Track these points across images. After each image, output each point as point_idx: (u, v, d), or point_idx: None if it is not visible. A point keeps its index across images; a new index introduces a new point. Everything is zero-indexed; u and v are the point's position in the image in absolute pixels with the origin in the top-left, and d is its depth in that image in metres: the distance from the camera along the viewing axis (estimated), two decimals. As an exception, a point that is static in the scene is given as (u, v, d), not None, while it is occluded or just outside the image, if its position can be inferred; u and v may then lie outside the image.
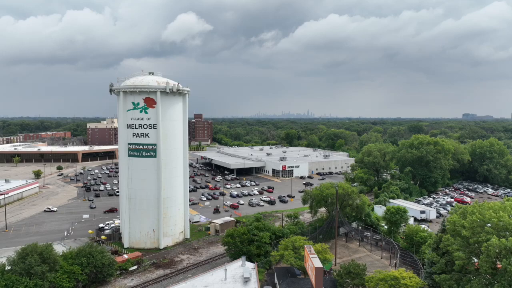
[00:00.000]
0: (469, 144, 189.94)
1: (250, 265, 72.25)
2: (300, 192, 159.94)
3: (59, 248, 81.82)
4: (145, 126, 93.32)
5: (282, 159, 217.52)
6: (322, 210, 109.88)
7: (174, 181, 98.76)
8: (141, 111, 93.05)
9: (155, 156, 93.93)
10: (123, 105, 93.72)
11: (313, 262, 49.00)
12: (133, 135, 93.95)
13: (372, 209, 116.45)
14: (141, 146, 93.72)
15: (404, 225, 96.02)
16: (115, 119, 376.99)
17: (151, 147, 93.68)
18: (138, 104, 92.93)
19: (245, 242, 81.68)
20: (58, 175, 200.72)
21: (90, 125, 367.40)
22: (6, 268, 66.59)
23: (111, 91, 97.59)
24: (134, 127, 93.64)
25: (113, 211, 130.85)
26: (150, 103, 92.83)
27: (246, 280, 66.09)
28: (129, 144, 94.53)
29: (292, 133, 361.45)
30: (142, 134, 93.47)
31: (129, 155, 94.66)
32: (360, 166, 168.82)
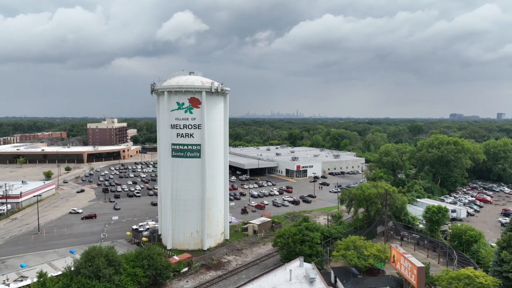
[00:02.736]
0: (483, 144, 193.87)
1: (308, 266, 72.18)
2: (336, 191, 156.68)
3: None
4: (189, 127, 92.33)
5: (295, 159, 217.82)
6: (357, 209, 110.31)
7: (216, 181, 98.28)
8: (185, 111, 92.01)
9: (199, 157, 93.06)
10: (167, 105, 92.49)
11: (411, 261, 49.12)
12: (177, 136, 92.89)
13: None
14: (185, 147, 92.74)
15: (447, 224, 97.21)
16: (115, 119, 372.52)
17: (195, 147, 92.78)
18: (183, 104, 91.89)
19: (297, 242, 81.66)
20: (64, 182, 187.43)
21: (91, 125, 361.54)
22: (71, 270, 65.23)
23: (152, 91, 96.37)
24: (178, 127, 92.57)
25: (91, 217, 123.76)
26: (195, 103, 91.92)
27: (311, 280, 66.24)
28: (173, 144, 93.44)
29: (295, 133, 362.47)
30: (186, 134, 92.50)
31: (173, 156, 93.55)
32: (378, 166, 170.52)
